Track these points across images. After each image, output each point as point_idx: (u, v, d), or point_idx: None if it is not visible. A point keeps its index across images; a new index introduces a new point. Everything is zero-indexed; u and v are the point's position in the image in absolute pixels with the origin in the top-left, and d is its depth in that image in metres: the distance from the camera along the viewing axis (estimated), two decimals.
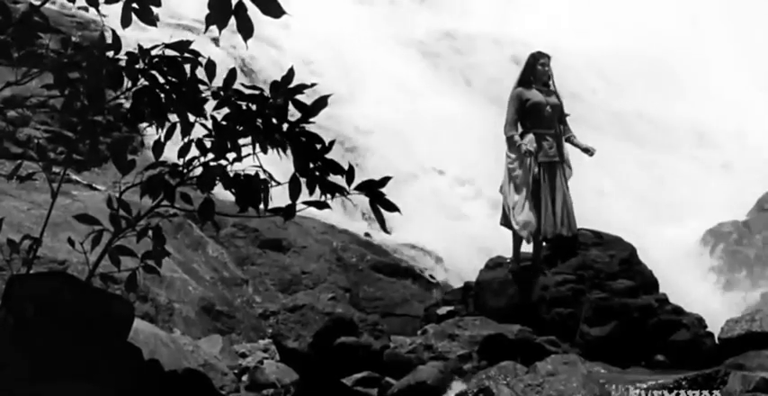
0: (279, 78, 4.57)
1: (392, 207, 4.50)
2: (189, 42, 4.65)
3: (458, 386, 7.32)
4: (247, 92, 4.58)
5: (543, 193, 8.81)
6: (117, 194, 4.96)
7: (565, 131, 9.08)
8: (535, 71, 8.95)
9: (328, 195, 4.54)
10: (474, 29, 16.92)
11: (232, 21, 3.97)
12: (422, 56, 15.73)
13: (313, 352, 7.43)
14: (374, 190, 4.49)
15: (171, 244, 6.14)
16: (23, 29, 4.53)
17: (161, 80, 4.59)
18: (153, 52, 4.59)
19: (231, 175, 4.67)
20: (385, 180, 4.51)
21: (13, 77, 4.66)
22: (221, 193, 4.83)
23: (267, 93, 4.55)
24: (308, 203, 4.56)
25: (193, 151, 4.73)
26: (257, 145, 4.57)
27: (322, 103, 4.52)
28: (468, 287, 9.38)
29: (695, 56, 16.54)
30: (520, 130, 8.89)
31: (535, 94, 8.91)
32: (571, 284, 8.68)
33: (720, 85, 15.95)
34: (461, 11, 17.72)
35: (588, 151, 9.08)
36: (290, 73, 4.54)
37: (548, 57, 9.04)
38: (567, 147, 9.07)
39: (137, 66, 4.58)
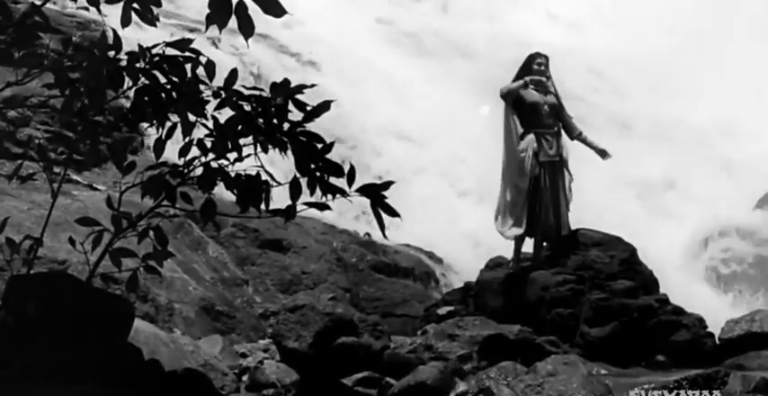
0: (280, 78, 4.58)
1: (393, 212, 4.49)
2: (190, 41, 4.65)
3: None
4: (247, 92, 4.59)
5: (544, 194, 8.81)
6: (117, 195, 4.96)
7: (572, 129, 9.06)
8: (531, 71, 8.97)
9: (329, 196, 4.53)
10: (475, 29, 16.93)
11: (233, 20, 3.97)
12: (422, 56, 15.73)
13: (313, 352, 7.42)
14: (376, 193, 4.48)
15: (171, 244, 6.11)
16: (24, 29, 4.53)
17: (162, 80, 4.59)
18: (154, 51, 4.59)
19: (232, 175, 4.67)
20: (387, 184, 4.50)
21: (14, 77, 4.66)
22: (221, 193, 4.83)
23: (267, 93, 4.55)
24: (309, 204, 4.56)
25: (194, 151, 4.73)
26: (258, 145, 4.57)
27: (324, 107, 4.51)
28: (468, 287, 9.37)
29: (695, 56, 16.55)
30: (521, 130, 8.89)
31: (532, 95, 8.93)
32: (571, 285, 8.67)
33: (721, 85, 15.95)
34: (463, 11, 17.72)
35: (604, 154, 9.08)
36: (286, 81, 4.55)
37: (545, 57, 9.05)
38: (569, 147, 9.06)
39: (138, 65, 4.58)
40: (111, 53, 4.64)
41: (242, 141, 4.61)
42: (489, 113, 10.61)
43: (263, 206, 4.65)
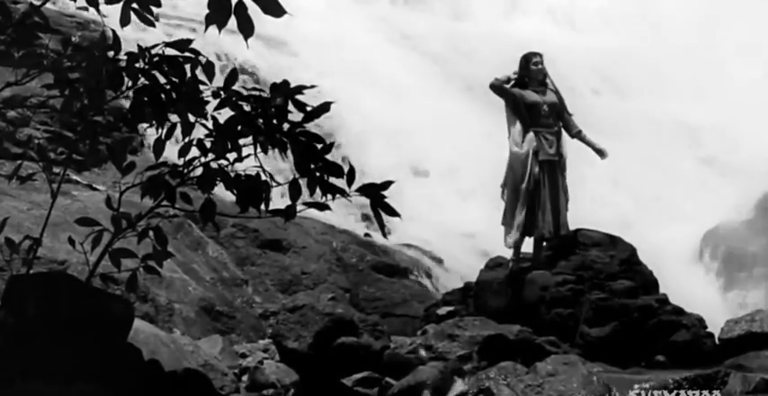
0: (280, 79, 4.58)
1: (393, 212, 4.49)
2: (189, 41, 4.66)
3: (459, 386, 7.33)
4: (246, 93, 4.59)
5: (542, 193, 8.82)
6: (117, 195, 4.96)
7: (571, 127, 9.08)
8: (529, 71, 8.99)
9: (329, 196, 4.54)
10: (474, 29, 16.93)
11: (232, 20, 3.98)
12: (421, 56, 15.73)
13: (313, 352, 7.42)
14: (376, 193, 4.48)
15: (171, 244, 6.12)
16: (23, 29, 4.53)
17: (162, 80, 4.59)
18: (153, 51, 4.59)
19: (232, 175, 4.67)
20: (387, 184, 4.50)
21: (14, 78, 4.66)
22: (221, 194, 4.83)
23: (267, 93, 4.56)
24: (309, 205, 4.56)
25: (194, 151, 4.73)
26: (258, 145, 4.57)
27: (324, 107, 4.52)
28: (468, 287, 9.37)
29: (696, 56, 16.55)
30: (521, 131, 8.90)
31: (531, 95, 8.95)
32: (571, 285, 8.67)
33: (721, 86, 15.95)
34: (462, 11, 17.73)
35: (601, 153, 9.11)
36: (285, 82, 4.55)
37: (540, 55, 9.08)
38: (569, 145, 9.07)
39: (137, 65, 4.58)
40: (111, 53, 4.64)
41: (242, 141, 4.61)
42: (490, 114, 10.60)
43: (262, 206, 4.65)
